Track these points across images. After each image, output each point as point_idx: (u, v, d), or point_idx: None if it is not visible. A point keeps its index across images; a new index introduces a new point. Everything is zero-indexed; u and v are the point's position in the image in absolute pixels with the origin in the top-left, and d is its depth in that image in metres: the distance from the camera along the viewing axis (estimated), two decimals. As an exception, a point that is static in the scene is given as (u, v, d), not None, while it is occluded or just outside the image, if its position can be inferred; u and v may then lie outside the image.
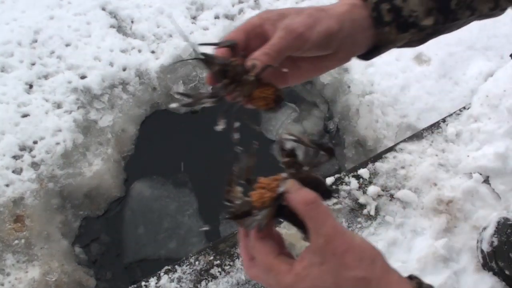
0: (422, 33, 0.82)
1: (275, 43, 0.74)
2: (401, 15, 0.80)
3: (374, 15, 0.80)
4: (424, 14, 0.80)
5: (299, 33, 0.74)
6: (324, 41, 0.76)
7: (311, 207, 0.61)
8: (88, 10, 2.54)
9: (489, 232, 1.53)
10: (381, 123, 2.20)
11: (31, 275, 1.84)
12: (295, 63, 0.80)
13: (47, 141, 2.12)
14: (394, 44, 0.83)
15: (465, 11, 0.82)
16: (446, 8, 0.81)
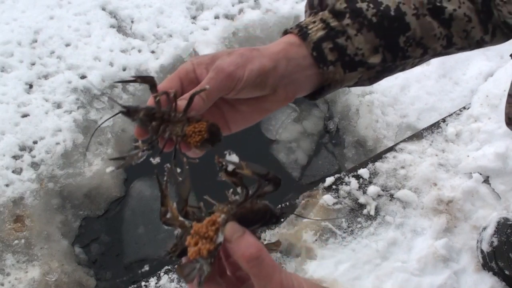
0: (371, 71, 0.79)
1: (203, 84, 0.71)
2: (346, 54, 0.77)
3: (315, 55, 0.77)
4: (369, 52, 0.78)
5: (228, 72, 0.71)
6: (258, 79, 0.73)
7: (254, 263, 0.55)
8: (88, 10, 2.54)
9: (489, 232, 1.53)
10: (381, 123, 2.20)
11: (31, 275, 1.84)
12: (234, 107, 0.77)
13: (47, 141, 2.12)
14: (341, 83, 0.80)
15: (415, 48, 0.80)
16: (394, 46, 0.78)
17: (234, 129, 0.80)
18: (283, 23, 2.59)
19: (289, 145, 2.33)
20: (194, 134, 0.71)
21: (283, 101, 0.78)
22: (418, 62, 0.84)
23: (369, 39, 0.77)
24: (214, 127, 0.72)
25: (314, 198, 1.68)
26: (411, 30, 0.79)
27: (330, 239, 1.61)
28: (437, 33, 0.81)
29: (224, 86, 0.71)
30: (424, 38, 0.79)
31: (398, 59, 0.80)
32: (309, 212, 1.66)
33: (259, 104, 0.77)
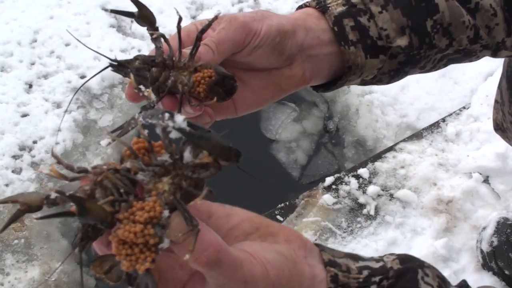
0: (393, 62, 0.70)
1: (214, 34, 0.62)
2: (368, 35, 0.68)
3: (336, 30, 0.68)
4: (395, 32, 0.68)
5: (244, 21, 0.62)
6: (277, 39, 0.64)
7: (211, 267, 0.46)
8: (88, 9, 2.53)
9: (489, 232, 1.53)
10: (381, 123, 2.20)
11: (30, 275, 1.84)
12: (243, 81, 0.68)
13: (47, 140, 2.12)
14: (361, 70, 0.70)
15: (442, 37, 0.71)
16: (421, 28, 0.69)
17: (241, 110, 0.70)
18: (283, 22, 2.59)
19: (288, 145, 2.33)
20: (203, 81, 0.60)
21: (299, 80, 0.69)
22: (438, 63, 0.75)
23: (395, 17, 0.68)
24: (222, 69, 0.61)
25: (313, 198, 1.68)
26: (439, 13, 0.70)
27: (330, 238, 1.61)
28: (465, 21, 0.71)
29: (238, 38, 0.62)
30: (452, 24, 0.71)
31: (424, 46, 0.70)
32: (309, 212, 1.66)
33: (272, 79, 0.68)
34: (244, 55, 0.64)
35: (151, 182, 0.46)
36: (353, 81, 0.72)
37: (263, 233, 0.54)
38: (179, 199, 0.46)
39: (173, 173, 0.47)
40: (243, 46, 0.63)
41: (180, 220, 0.45)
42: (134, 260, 0.44)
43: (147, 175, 0.47)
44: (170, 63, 0.61)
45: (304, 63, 0.68)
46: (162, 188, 0.46)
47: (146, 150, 0.48)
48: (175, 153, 0.47)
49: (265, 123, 2.38)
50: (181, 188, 0.46)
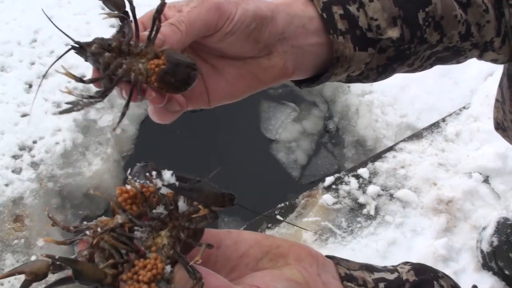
0: (382, 57, 0.65)
1: (183, 13, 0.56)
2: (358, 26, 0.63)
3: (325, 17, 0.62)
4: (387, 23, 0.64)
5: (218, 3, 0.56)
6: (252, 25, 0.58)
7: None
8: (88, 9, 2.53)
9: (489, 232, 1.53)
10: (381, 123, 2.20)
11: (30, 274, 1.84)
12: (216, 69, 0.62)
13: (47, 140, 2.12)
14: (349, 63, 0.64)
15: (433, 32, 0.67)
16: (413, 20, 0.65)
17: (215, 100, 0.63)
18: (282, 22, 2.59)
19: (288, 145, 2.33)
20: (157, 69, 0.54)
21: (279, 72, 0.63)
22: (425, 61, 0.71)
23: (387, 6, 0.64)
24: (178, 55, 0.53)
25: (313, 198, 1.68)
26: (431, 5, 0.66)
27: (330, 238, 1.61)
28: (458, 15, 0.67)
29: (209, 19, 0.55)
30: (444, 18, 0.66)
31: (415, 40, 0.66)
32: (309, 212, 1.66)
33: (248, 68, 0.62)
34: (215, 41, 0.58)
35: (149, 238, 0.46)
36: (339, 76, 0.67)
37: (273, 256, 0.52)
38: (179, 253, 0.45)
39: (170, 225, 0.46)
40: (215, 30, 0.57)
41: (183, 274, 0.44)
42: None
43: (145, 231, 0.46)
44: (126, 48, 0.55)
45: (286, 53, 0.62)
46: (161, 242, 0.46)
47: (133, 199, 0.48)
48: (169, 204, 0.47)
49: (265, 123, 2.38)
50: (180, 240, 0.46)
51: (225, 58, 0.61)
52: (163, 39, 0.54)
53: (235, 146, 2.25)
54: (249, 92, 0.64)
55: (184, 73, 0.54)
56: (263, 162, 2.28)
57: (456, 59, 0.74)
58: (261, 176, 2.23)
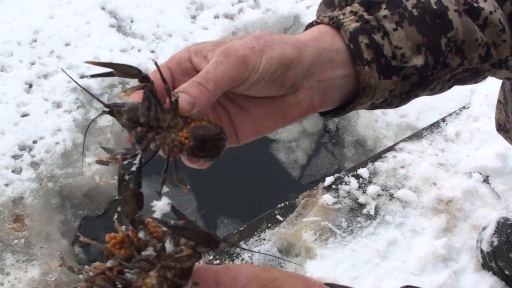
0: (405, 84, 0.66)
1: (209, 70, 0.55)
2: (383, 54, 0.63)
3: (352, 48, 0.62)
4: (411, 51, 0.64)
5: (242, 56, 0.55)
6: (278, 72, 0.57)
7: None
8: (88, 9, 2.54)
9: (489, 232, 1.53)
10: (381, 123, 2.20)
11: (30, 274, 1.84)
12: (243, 109, 0.62)
13: (47, 140, 2.12)
14: (374, 92, 0.65)
15: (454, 56, 0.67)
16: (436, 47, 0.65)
17: (243, 138, 0.63)
18: (282, 22, 2.59)
19: (288, 144, 2.33)
20: (187, 141, 0.54)
21: (305, 108, 0.62)
22: (446, 84, 0.71)
23: (411, 34, 0.63)
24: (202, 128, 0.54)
25: (313, 197, 1.68)
26: (453, 30, 0.65)
27: (329, 238, 1.61)
28: (478, 38, 0.67)
29: (236, 73, 0.55)
30: (465, 42, 0.66)
31: (438, 66, 0.66)
32: (309, 212, 1.66)
33: (274, 106, 0.61)
34: (241, 90, 0.58)
35: (139, 279, 0.48)
36: (363, 105, 0.67)
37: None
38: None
39: (158, 265, 0.49)
40: (241, 82, 0.56)
41: None
42: None
43: (135, 273, 0.49)
44: (155, 123, 0.54)
45: (312, 89, 0.62)
46: (150, 282, 0.48)
47: (121, 244, 0.50)
48: (157, 246, 0.49)
49: (265, 123, 2.38)
50: (167, 279, 0.48)
51: (252, 98, 0.61)
52: (192, 101, 0.54)
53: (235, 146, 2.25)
54: (276, 128, 0.64)
55: (212, 146, 0.54)
56: (263, 162, 2.28)
57: (474, 79, 0.74)
58: (261, 176, 2.23)
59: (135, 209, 0.51)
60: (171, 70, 0.58)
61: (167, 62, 0.58)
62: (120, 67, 0.56)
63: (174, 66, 0.58)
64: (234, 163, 2.15)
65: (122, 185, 0.52)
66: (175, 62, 0.58)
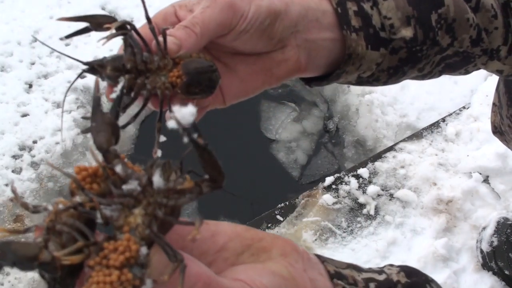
0: (394, 58, 0.64)
1: (196, 14, 0.54)
2: (371, 24, 0.62)
3: (340, 11, 0.61)
4: (400, 22, 0.63)
5: (229, 1, 0.54)
6: (266, 21, 0.56)
7: None
8: (88, 9, 2.53)
9: (489, 232, 1.53)
10: (381, 123, 2.20)
11: (30, 274, 1.84)
12: (229, 67, 0.61)
13: (47, 140, 2.12)
14: (360, 61, 0.63)
15: (445, 34, 0.65)
16: (427, 21, 0.64)
17: (229, 99, 0.62)
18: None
19: (288, 144, 2.33)
20: (179, 80, 0.52)
21: (292, 67, 0.61)
22: (435, 67, 0.70)
23: (401, 5, 0.63)
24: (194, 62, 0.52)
25: (313, 197, 1.68)
26: (444, 6, 0.64)
27: (329, 238, 1.61)
28: (470, 18, 0.66)
29: (223, 19, 0.54)
30: (456, 21, 0.65)
31: (428, 41, 0.64)
32: (309, 212, 1.66)
33: (261, 64, 0.60)
34: (228, 40, 0.57)
35: (120, 217, 0.40)
36: (350, 74, 0.65)
37: (256, 250, 0.47)
38: (157, 232, 0.39)
39: (144, 202, 0.40)
40: (229, 29, 0.55)
41: (161, 256, 0.38)
42: None
43: (115, 210, 0.40)
44: (142, 66, 0.52)
45: (299, 47, 0.61)
46: (134, 222, 0.39)
47: (93, 177, 0.42)
48: (142, 179, 0.40)
49: (265, 123, 2.38)
50: (157, 219, 0.40)
51: (238, 55, 0.59)
52: (178, 43, 0.53)
53: (235, 146, 2.25)
54: (263, 88, 0.63)
55: (206, 79, 0.53)
56: (263, 162, 2.28)
57: (465, 67, 0.72)
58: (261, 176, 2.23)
59: (111, 140, 0.43)
60: (157, 25, 0.56)
61: (153, 17, 0.57)
62: (94, 18, 0.55)
63: (160, 21, 0.57)
64: (234, 163, 2.15)
65: (97, 110, 0.46)
66: (160, 17, 0.57)
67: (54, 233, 0.39)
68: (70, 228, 0.39)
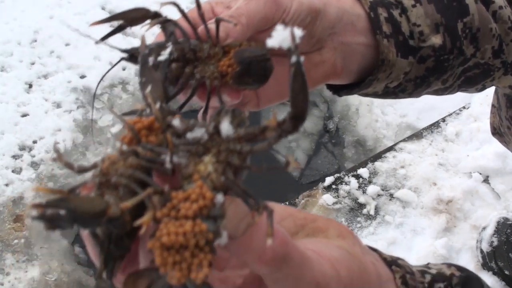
0: (421, 67, 0.64)
1: (240, 6, 0.53)
2: (400, 31, 0.62)
3: (372, 16, 0.61)
4: (430, 29, 0.62)
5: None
6: (307, 19, 0.56)
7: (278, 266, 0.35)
8: (88, 9, 2.54)
9: (489, 232, 1.53)
10: (381, 123, 2.20)
11: (30, 274, 1.84)
12: None
13: (47, 140, 2.12)
14: (391, 69, 0.63)
15: (469, 44, 0.65)
16: (453, 29, 0.64)
17: (264, 102, 0.60)
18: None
19: (288, 144, 2.33)
20: (230, 69, 0.50)
21: (329, 69, 0.60)
22: (456, 80, 0.68)
23: (430, 12, 0.62)
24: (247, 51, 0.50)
25: (313, 197, 1.68)
26: (469, 15, 0.64)
27: (329, 238, 1.61)
28: (493, 28, 0.65)
29: (267, 12, 0.53)
30: (481, 30, 0.65)
31: (455, 50, 0.64)
32: (309, 212, 1.66)
33: None
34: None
35: (190, 165, 0.35)
36: (379, 83, 0.64)
37: (311, 231, 0.44)
38: (233, 179, 0.35)
39: (214, 150, 0.35)
40: (271, 24, 0.54)
41: (239, 206, 0.34)
42: (186, 268, 0.32)
43: (183, 157, 0.35)
44: (191, 55, 0.49)
45: (335, 50, 0.60)
46: (205, 170, 0.35)
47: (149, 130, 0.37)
48: (210, 127, 0.36)
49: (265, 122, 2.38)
50: (231, 166, 0.36)
51: (275, 55, 0.57)
52: (226, 31, 0.51)
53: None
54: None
55: (259, 69, 0.51)
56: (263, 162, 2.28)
57: (482, 81, 0.71)
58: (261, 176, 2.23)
59: (163, 95, 0.39)
60: (194, 19, 0.54)
61: (189, 12, 0.55)
62: (127, 15, 0.50)
63: (196, 18, 0.54)
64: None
65: (145, 67, 0.42)
66: (196, 14, 0.55)
67: (109, 188, 0.35)
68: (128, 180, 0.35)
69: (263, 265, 0.34)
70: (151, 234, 0.33)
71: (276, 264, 0.34)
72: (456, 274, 0.52)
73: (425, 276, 0.50)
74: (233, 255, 0.35)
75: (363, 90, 0.65)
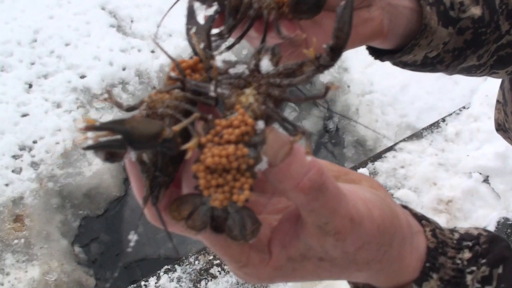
0: (460, 39, 0.66)
1: None
2: (442, 1, 0.64)
3: None
4: (470, 0, 0.65)
5: None
6: None
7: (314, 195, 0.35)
8: (88, 9, 2.54)
9: (489, 232, 1.53)
10: (381, 123, 2.20)
11: (30, 274, 1.84)
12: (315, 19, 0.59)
13: (47, 140, 2.12)
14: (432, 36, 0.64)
15: (505, 21, 0.67)
16: (492, 2, 0.66)
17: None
18: (283, 22, 2.59)
19: (288, 144, 2.33)
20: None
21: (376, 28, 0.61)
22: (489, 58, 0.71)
23: None
24: None
25: (313, 197, 1.69)
26: None
27: (329, 238, 1.61)
28: None
29: None
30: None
31: (492, 24, 0.66)
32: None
33: None
34: None
35: (232, 95, 0.37)
36: (420, 51, 0.66)
37: (344, 182, 0.44)
38: (273, 108, 0.37)
39: (254, 84, 0.37)
40: None
41: (279, 133, 0.36)
42: (228, 191, 0.34)
43: (226, 88, 0.37)
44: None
45: (383, 10, 0.61)
46: (246, 101, 0.37)
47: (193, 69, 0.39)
48: (251, 63, 0.38)
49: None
50: (271, 97, 0.37)
51: (324, 9, 0.57)
52: None
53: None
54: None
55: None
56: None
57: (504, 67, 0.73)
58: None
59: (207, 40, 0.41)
60: None
61: None
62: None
63: None
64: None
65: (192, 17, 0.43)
66: None
67: (156, 118, 0.37)
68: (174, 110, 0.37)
69: (300, 193, 0.35)
70: (195, 160, 0.35)
71: (312, 193, 0.35)
72: (483, 234, 0.53)
73: (454, 234, 0.51)
74: (272, 182, 0.36)
75: (404, 55, 0.66)
